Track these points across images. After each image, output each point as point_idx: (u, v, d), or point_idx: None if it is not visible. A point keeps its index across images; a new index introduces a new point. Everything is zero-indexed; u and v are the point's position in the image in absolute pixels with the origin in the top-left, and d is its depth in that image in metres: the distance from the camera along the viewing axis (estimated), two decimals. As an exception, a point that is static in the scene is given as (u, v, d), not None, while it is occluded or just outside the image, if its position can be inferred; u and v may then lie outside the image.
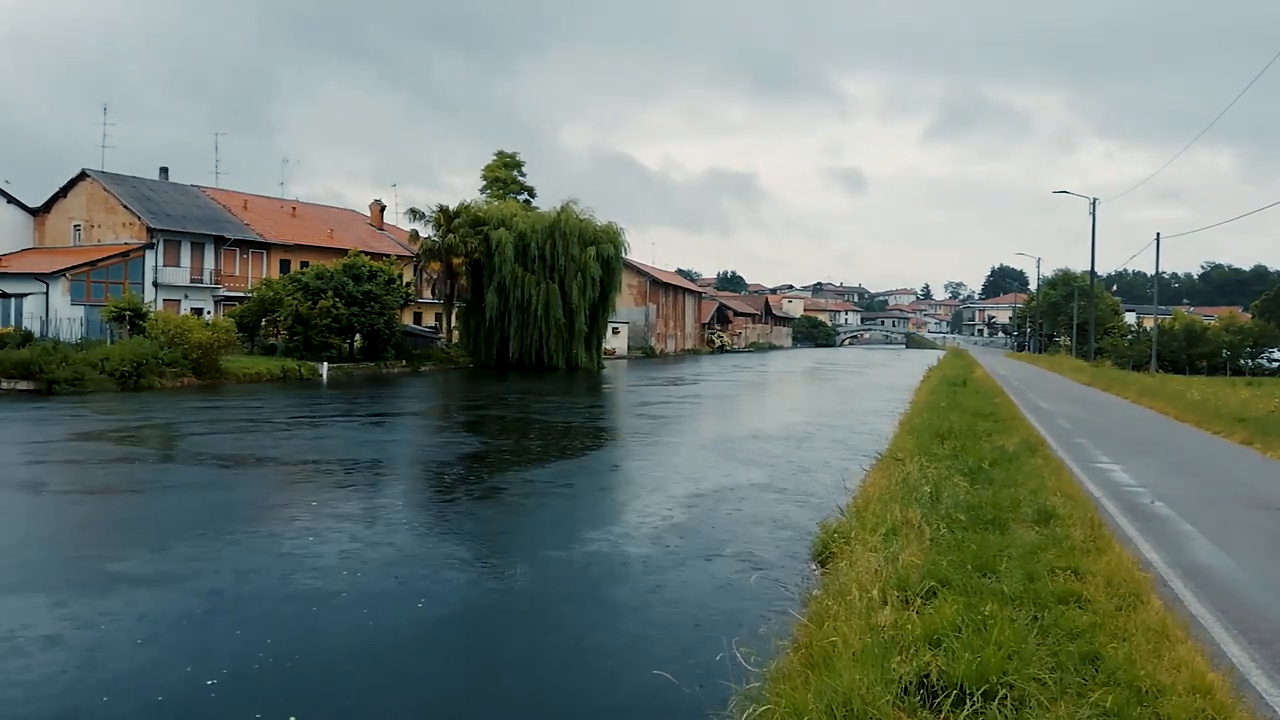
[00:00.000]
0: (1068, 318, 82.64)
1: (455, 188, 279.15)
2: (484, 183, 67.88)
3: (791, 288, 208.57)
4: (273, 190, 65.60)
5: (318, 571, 9.02)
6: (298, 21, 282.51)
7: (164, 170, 54.70)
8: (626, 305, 73.02)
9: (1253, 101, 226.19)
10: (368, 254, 49.23)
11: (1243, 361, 63.43)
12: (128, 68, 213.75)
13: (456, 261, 50.93)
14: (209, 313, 46.03)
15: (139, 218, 47.05)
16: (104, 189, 48.48)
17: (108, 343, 34.12)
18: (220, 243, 49.93)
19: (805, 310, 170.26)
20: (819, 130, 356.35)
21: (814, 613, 6.79)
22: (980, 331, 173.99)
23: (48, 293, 42.57)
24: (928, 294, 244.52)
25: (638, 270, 79.40)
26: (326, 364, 40.48)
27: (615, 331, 70.82)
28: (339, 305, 41.72)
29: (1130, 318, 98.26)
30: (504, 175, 67.65)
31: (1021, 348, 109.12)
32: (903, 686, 4.95)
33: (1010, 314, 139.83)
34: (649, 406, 30.75)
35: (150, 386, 30.71)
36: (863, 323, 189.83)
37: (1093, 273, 66.99)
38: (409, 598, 8.30)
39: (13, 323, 39.97)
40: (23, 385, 28.73)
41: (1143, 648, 5.55)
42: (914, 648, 5.46)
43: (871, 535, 8.55)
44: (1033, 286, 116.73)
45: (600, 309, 54.39)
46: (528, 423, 23.92)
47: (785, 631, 6.66)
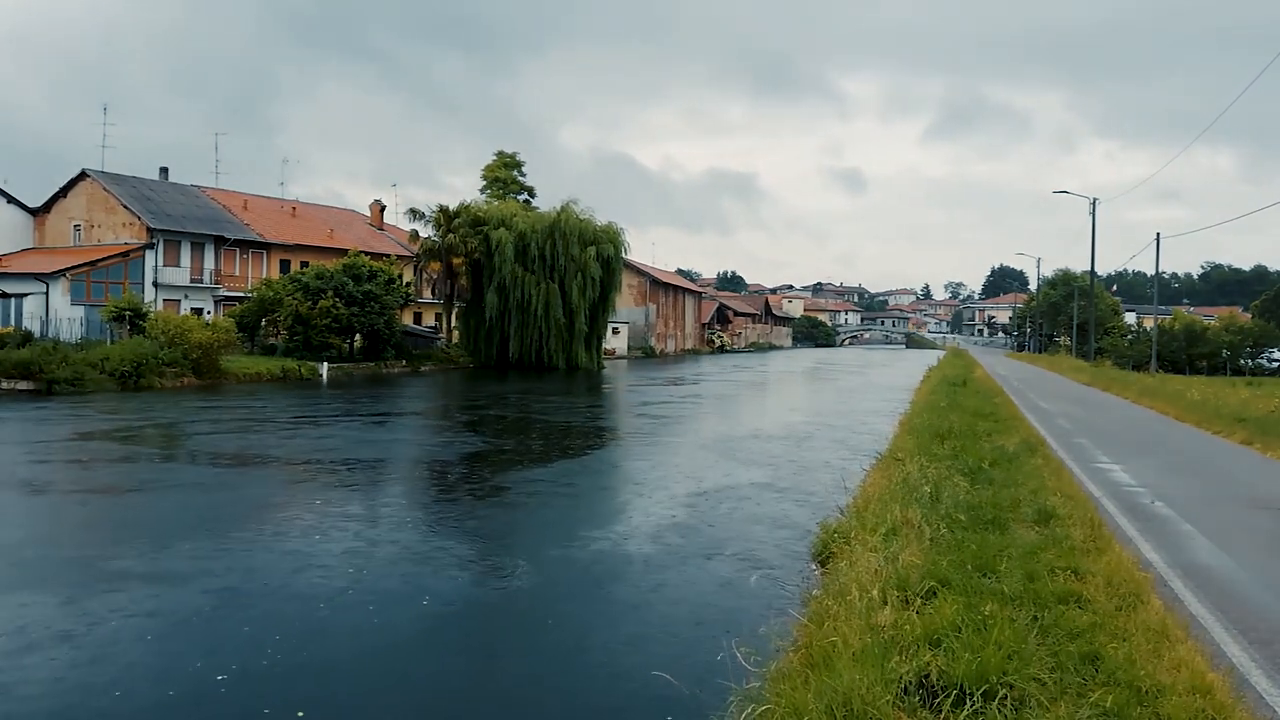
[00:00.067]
0: (1068, 318, 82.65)
1: (455, 188, 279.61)
2: (484, 183, 67.90)
3: (791, 288, 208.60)
4: (273, 190, 65.73)
5: (323, 569, 9.08)
6: (298, 21, 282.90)
7: (164, 170, 54.73)
8: (626, 305, 73.02)
9: (1253, 101, 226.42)
10: (368, 254, 49.24)
11: (1243, 361, 63.43)
12: (128, 68, 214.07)
13: (456, 261, 50.94)
14: (209, 313, 46.04)
15: (139, 218, 47.07)
16: (104, 189, 48.50)
17: (108, 343, 34.13)
18: (220, 243, 49.94)
19: (805, 310, 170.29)
20: (819, 130, 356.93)
21: (814, 613, 6.80)
22: (980, 331, 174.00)
23: (48, 293, 42.58)
24: (928, 294, 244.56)
25: (638, 270, 79.41)
26: (326, 364, 40.49)
27: (615, 331, 70.83)
28: (339, 305, 41.73)
29: (1130, 318, 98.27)
30: (504, 175, 67.65)
31: (1021, 348, 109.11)
32: (903, 686, 4.95)
33: (1010, 314, 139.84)
34: (649, 406, 30.76)
35: (150, 386, 30.72)
36: (863, 323, 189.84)
37: (1093, 273, 67.02)
38: (413, 595, 8.36)
39: (13, 323, 39.98)
40: (23, 385, 28.74)
41: (1143, 648, 5.56)
42: (914, 648, 5.46)
43: (871, 535, 8.55)
44: (1033, 286, 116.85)
45: (600, 309, 54.40)
46: (529, 422, 23.93)
47: (785, 631, 6.67)
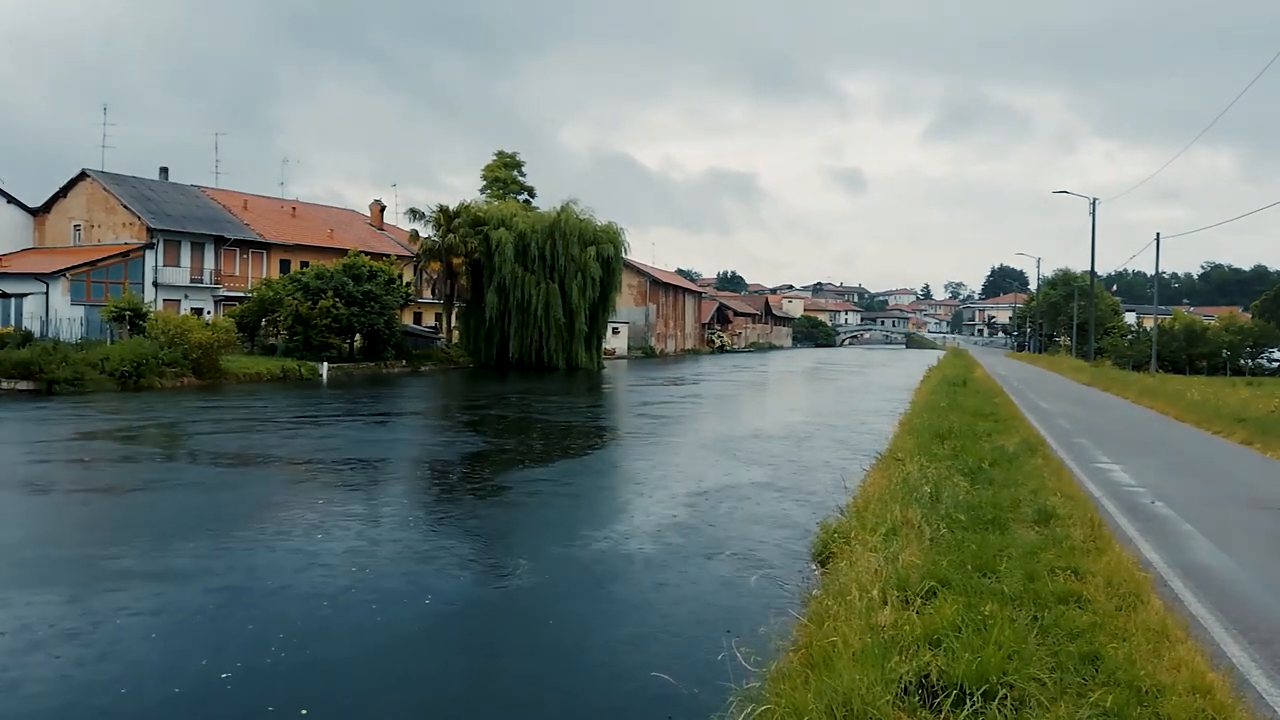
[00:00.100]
0: (1068, 318, 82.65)
1: (455, 188, 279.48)
2: (484, 183, 67.90)
3: (791, 288, 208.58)
4: (273, 190, 65.74)
5: (327, 568, 9.12)
6: (298, 21, 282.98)
7: (164, 170, 54.72)
8: (626, 305, 73.02)
9: (1253, 101, 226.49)
10: (368, 254, 49.23)
11: (1243, 361, 63.41)
12: (128, 68, 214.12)
13: (456, 261, 50.94)
14: (209, 313, 46.04)
15: (139, 218, 47.07)
16: (104, 189, 48.49)
17: (108, 343, 34.12)
18: (220, 243, 49.94)
19: (805, 310, 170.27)
20: (819, 130, 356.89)
21: (814, 613, 6.80)
22: (980, 331, 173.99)
23: (48, 293, 42.58)
24: (928, 294, 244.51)
25: (638, 270, 79.40)
26: (326, 364, 40.49)
27: (615, 331, 70.82)
28: (339, 305, 41.72)
29: (1130, 318, 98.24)
30: (504, 175, 67.65)
31: (1021, 348, 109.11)
32: (903, 686, 4.96)
33: (1010, 314, 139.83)
34: (649, 406, 30.76)
35: (150, 386, 30.71)
36: (863, 323, 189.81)
37: (1093, 273, 67.01)
38: (416, 594, 8.40)
39: (13, 323, 39.98)
40: (23, 385, 28.74)
41: (1143, 648, 5.56)
42: (914, 648, 5.46)
43: (871, 535, 8.55)
44: (1033, 286, 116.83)
45: (600, 309, 54.39)
46: (529, 422, 23.93)
47: (785, 631, 6.68)
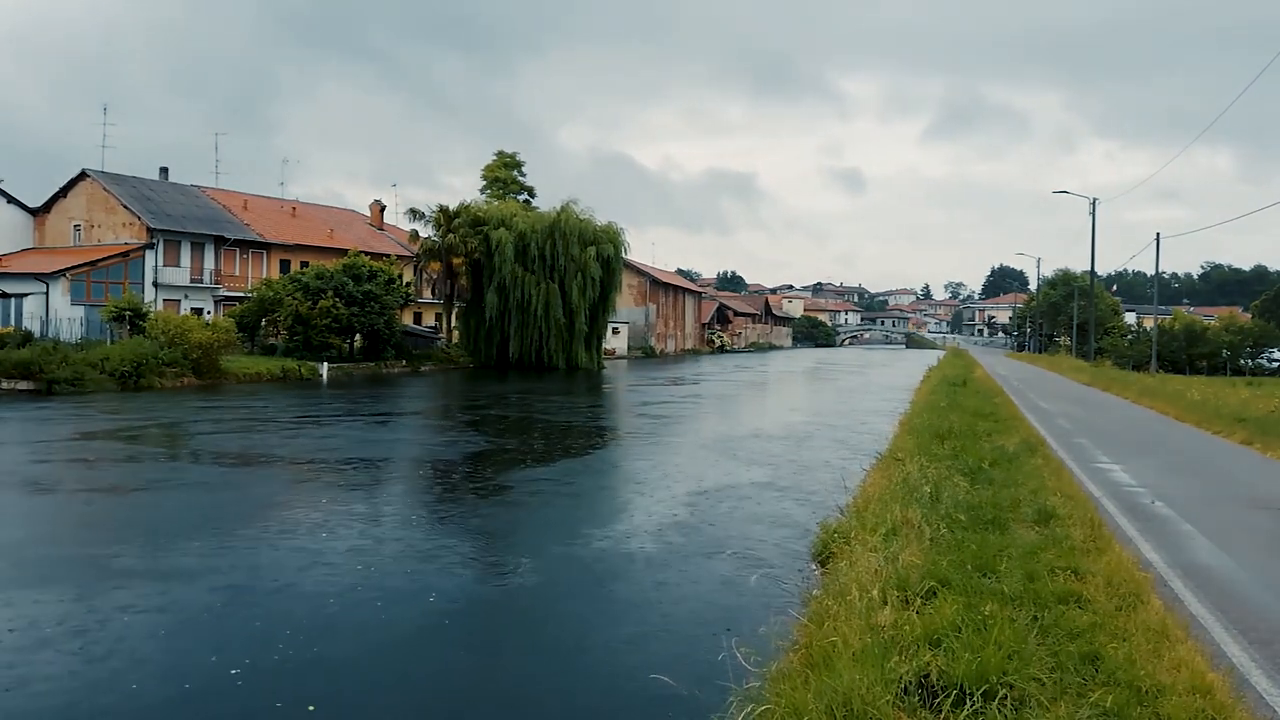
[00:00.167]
0: (1068, 318, 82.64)
1: (455, 188, 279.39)
2: (484, 183, 67.90)
3: (791, 288, 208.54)
4: (273, 190, 65.71)
5: (331, 567, 9.17)
6: (297, 21, 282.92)
7: (164, 170, 54.73)
8: (626, 305, 73.02)
9: (1252, 101, 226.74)
10: (368, 254, 49.24)
11: (1243, 361, 63.42)
12: (128, 68, 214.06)
13: (456, 261, 50.93)
14: (209, 313, 46.04)
15: (139, 218, 47.07)
16: (104, 189, 48.49)
17: (108, 343, 34.13)
18: (220, 243, 49.94)
19: (805, 310, 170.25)
20: (819, 130, 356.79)
21: (814, 613, 6.80)
22: (980, 331, 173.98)
23: (48, 293, 42.58)
24: (928, 294, 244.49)
25: (638, 270, 79.40)
26: (326, 364, 40.49)
27: (615, 331, 70.82)
28: (339, 305, 41.72)
29: (1130, 318, 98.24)
30: (504, 175, 67.65)
31: (1021, 348, 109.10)
32: (903, 686, 4.96)
33: (1010, 314, 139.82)
34: (650, 406, 30.77)
35: (150, 386, 30.71)
36: (863, 323, 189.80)
37: (1093, 273, 67.02)
38: (420, 593, 8.44)
39: (13, 323, 39.98)
40: (23, 385, 28.74)
41: (1143, 648, 5.56)
42: (914, 648, 5.47)
43: (871, 535, 8.55)
44: (1033, 286, 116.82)
45: (600, 309, 54.39)
46: (530, 422, 23.93)
47: (785, 631, 6.68)
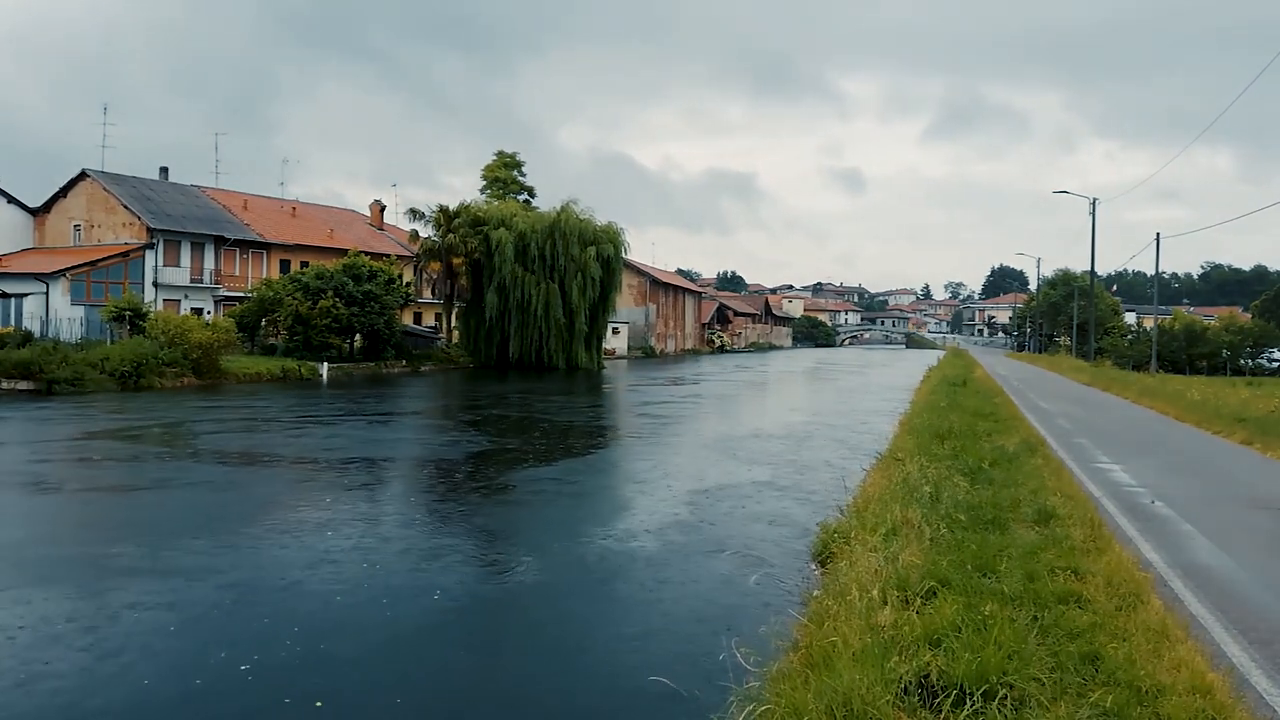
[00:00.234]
0: (1068, 318, 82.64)
1: (455, 188, 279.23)
2: (484, 183, 67.91)
3: (791, 288, 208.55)
4: (273, 190, 65.71)
5: (336, 565, 9.22)
6: (297, 21, 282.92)
7: (164, 170, 54.72)
8: (626, 305, 73.01)
9: (1252, 101, 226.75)
10: (368, 254, 49.23)
11: (1243, 361, 63.41)
12: (128, 67, 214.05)
13: (456, 261, 50.93)
14: (209, 313, 46.04)
15: (139, 218, 47.07)
16: (104, 189, 48.49)
17: (108, 343, 34.12)
18: (220, 243, 49.94)
19: (805, 310, 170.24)
20: (819, 130, 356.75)
21: (814, 613, 6.81)
22: (980, 331, 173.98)
23: (48, 293, 42.58)
24: (928, 294, 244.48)
25: (638, 270, 79.40)
26: (326, 364, 40.49)
27: (615, 331, 70.82)
28: (339, 305, 41.72)
29: (1130, 318, 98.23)
30: (504, 175, 67.65)
31: (1021, 348, 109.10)
32: (903, 686, 4.96)
33: (1010, 314, 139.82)
34: (650, 406, 30.77)
35: (150, 386, 30.71)
36: (863, 323, 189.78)
37: (1093, 273, 67.02)
38: (424, 591, 8.49)
39: (13, 323, 39.98)
40: (23, 385, 28.74)
41: (1143, 648, 5.56)
42: (914, 648, 5.47)
43: (871, 535, 8.55)
44: (1033, 286, 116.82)
45: (600, 309, 54.38)
46: (531, 422, 23.93)
47: (785, 631, 6.68)
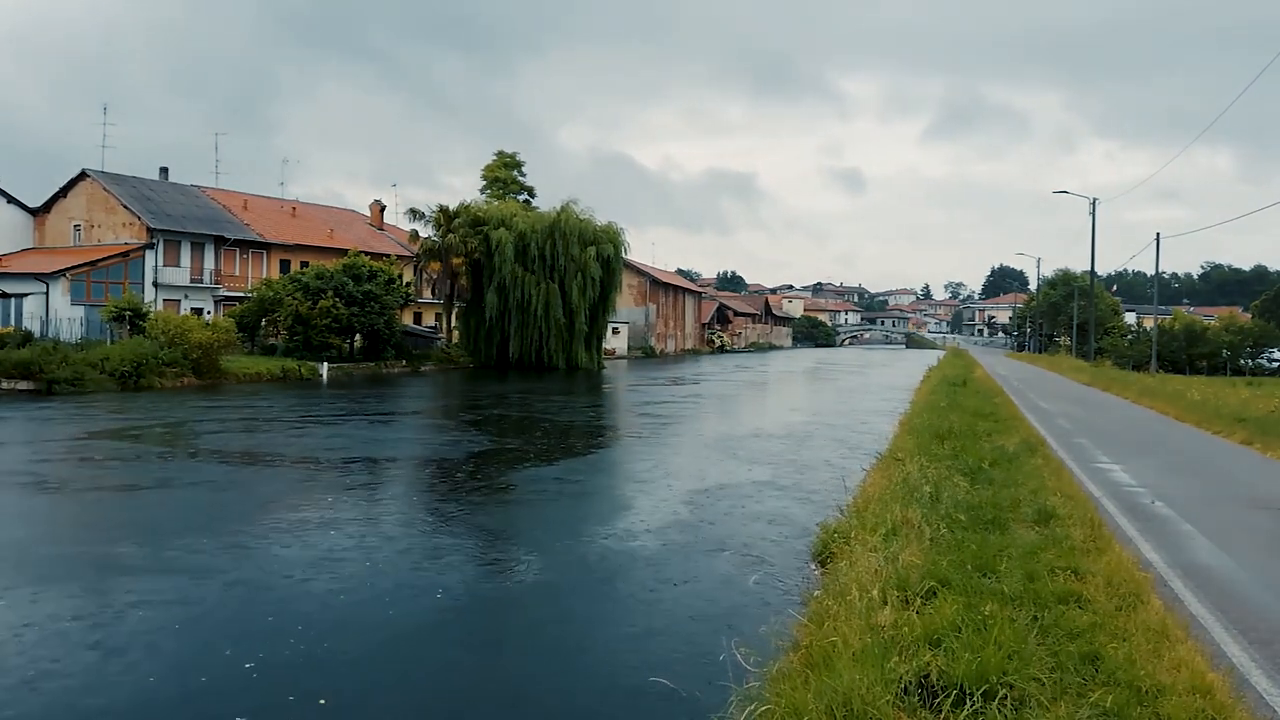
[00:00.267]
0: (1068, 318, 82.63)
1: (455, 188, 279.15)
2: (484, 183, 67.88)
3: (791, 288, 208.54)
4: (273, 190, 65.70)
5: (340, 564, 9.26)
6: (297, 21, 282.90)
7: (164, 170, 54.72)
8: (626, 305, 73.00)
9: (1252, 101, 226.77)
10: (368, 254, 49.23)
11: (1243, 361, 63.40)
12: (128, 67, 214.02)
13: (456, 261, 50.92)
14: (209, 313, 46.04)
15: (139, 218, 47.06)
16: (104, 189, 48.49)
17: (108, 343, 34.12)
18: (220, 243, 49.93)
19: (805, 310, 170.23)
20: (818, 130, 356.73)
21: (814, 613, 6.81)
22: (980, 331, 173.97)
23: (48, 293, 42.58)
24: (928, 294, 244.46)
25: (638, 270, 79.39)
26: (326, 364, 40.48)
27: (615, 331, 70.81)
28: (339, 305, 41.72)
29: (1130, 318, 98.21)
30: (504, 175, 67.64)
31: (1021, 348, 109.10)
32: (903, 686, 4.95)
33: (1010, 314, 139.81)
34: (650, 406, 30.76)
35: (150, 386, 30.71)
36: (862, 322, 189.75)
37: (1093, 273, 67.01)
38: (427, 590, 8.54)
39: (13, 323, 39.98)
40: (23, 385, 28.73)
41: (1143, 648, 5.56)
42: (914, 648, 5.46)
43: (871, 535, 8.55)
44: (1033, 286, 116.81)
45: (600, 309, 54.37)
46: (532, 422, 23.92)
47: (785, 631, 6.68)
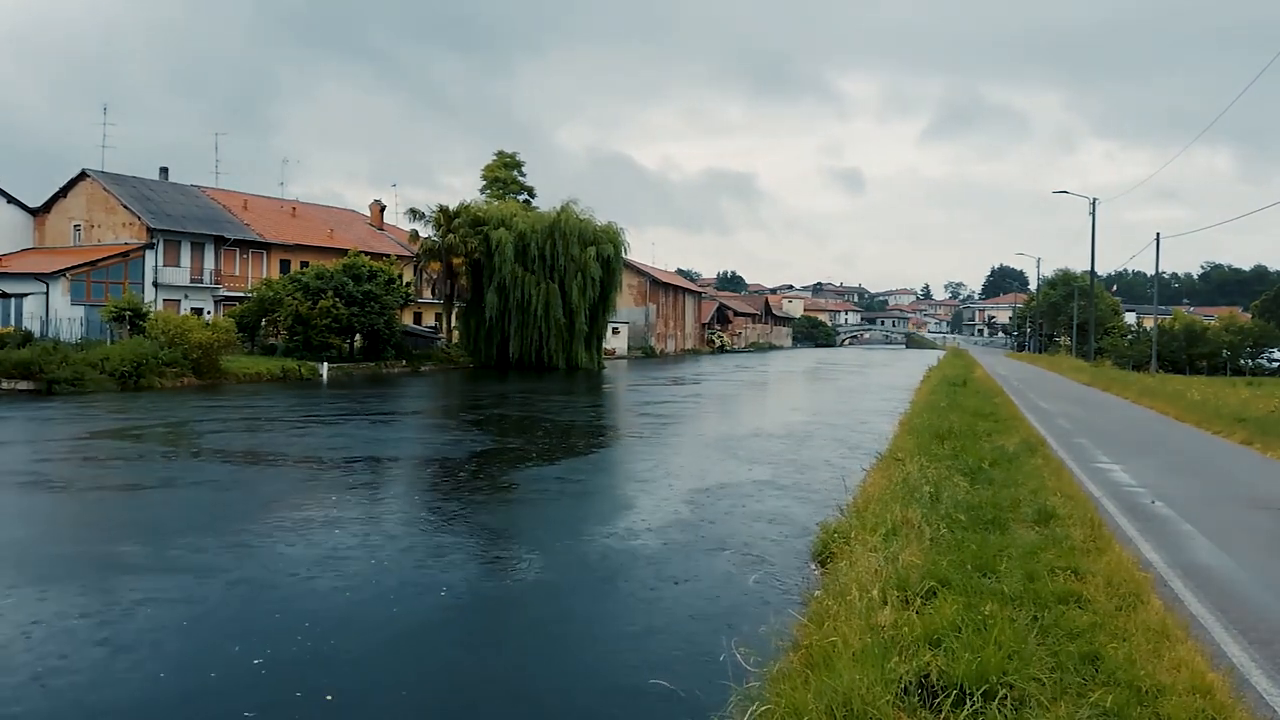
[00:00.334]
0: (1068, 318, 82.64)
1: (455, 188, 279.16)
2: (484, 183, 67.90)
3: (791, 288, 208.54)
4: (272, 190, 65.68)
5: (345, 562, 9.30)
6: (297, 21, 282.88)
7: (164, 170, 54.72)
8: (626, 305, 72.99)
9: (1252, 101, 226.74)
10: (368, 254, 49.23)
11: (1243, 361, 63.40)
12: (128, 67, 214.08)
13: (456, 261, 50.92)
14: (209, 313, 46.04)
15: (139, 218, 47.06)
16: (104, 189, 48.49)
17: (108, 343, 34.12)
18: (220, 243, 49.93)
19: (805, 310, 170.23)
20: (818, 130, 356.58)
21: (814, 613, 6.81)
22: (980, 331, 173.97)
23: (48, 293, 42.58)
24: (928, 294, 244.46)
25: (638, 270, 79.38)
26: (326, 364, 40.48)
27: (615, 331, 70.81)
28: (339, 305, 41.71)
29: (1130, 318, 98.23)
30: (504, 175, 67.64)
31: (1021, 348, 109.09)
32: (903, 686, 4.95)
33: (1010, 314, 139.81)
34: (651, 406, 30.76)
35: (150, 386, 30.70)
36: (862, 323, 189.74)
37: (1093, 273, 67.02)
38: (431, 588, 8.57)
39: (13, 323, 39.98)
40: (23, 385, 28.74)
41: (1143, 648, 5.55)
42: (914, 648, 5.46)
43: (871, 535, 8.55)
44: (1033, 286, 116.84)
45: (600, 309, 54.37)
46: (533, 421, 23.92)
47: (785, 631, 6.68)
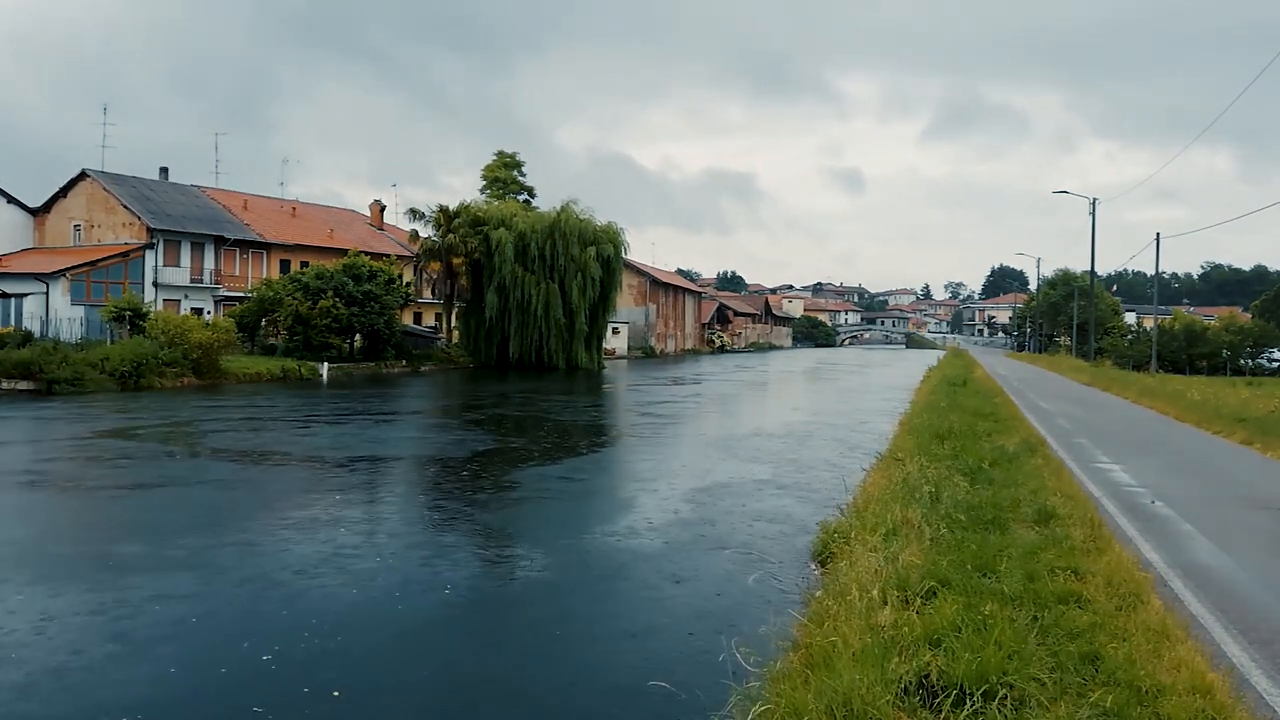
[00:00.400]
0: (1068, 318, 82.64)
1: (455, 188, 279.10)
2: (484, 183, 67.89)
3: (791, 288, 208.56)
4: (272, 190, 65.68)
5: (351, 560, 9.36)
6: (297, 21, 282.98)
7: (164, 170, 54.73)
8: (626, 305, 72.99)
9: (1252, 101, 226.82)
10: (368, 254, 49.23)
11: (1243, 361, 63.41)
12: (128, 67, 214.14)
13: (456, 261, 50.93)
14: (209, 313, 46.04)
15: (139, 218, 47.06)
16: (104, 189, 48.49)
17: (108, 343, 34.13)
18: (220, 243, 49.94)
19: (805, 310, 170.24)
20: (818, 130, 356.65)
21: (814, 613, 6.80)
22: (980, 331, 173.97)
23: (48, 293, 42.58)
24: (928, 294, 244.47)
25: (638, 270, 79.38)
26: (327, 364, 40.49)
27: (615, 331, 70.81)
28: (339, 305, 41.72)
29: (1130, 318, 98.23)
30: (504, 175, 67.63)
31: (1021, 348, 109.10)
32: (903, 686, 4.95)
33: (1010, 314, 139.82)
34: (651, 406, 30.76)
35: (150, 386, 30.71)
36: (863, 322, 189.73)
37: (1093, 273, 67.02)
38: (435, 586, 8.63)
39: (13, 323, 39.98)
40: (23, 385, 28.74)
41: (1143, 648, 5.55)
42: (914, 648, 5.46)
43: (871, 535, 8.55)
44: (1033, 286, 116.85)
45: (600, 309, 54.37)
46: (534, 421, 23.92)
47: (785, 631, 6.68)
